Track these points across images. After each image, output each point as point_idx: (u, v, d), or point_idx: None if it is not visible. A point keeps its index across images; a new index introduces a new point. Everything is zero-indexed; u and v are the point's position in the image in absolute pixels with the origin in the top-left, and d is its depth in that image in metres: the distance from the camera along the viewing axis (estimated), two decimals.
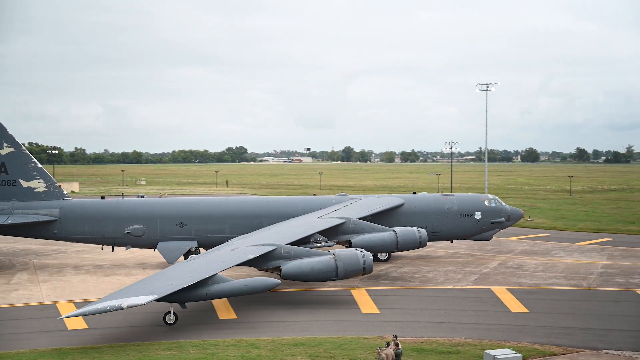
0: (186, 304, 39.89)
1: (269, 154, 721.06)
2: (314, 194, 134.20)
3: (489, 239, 64.56)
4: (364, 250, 47.01)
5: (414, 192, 75.09)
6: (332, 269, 45.10)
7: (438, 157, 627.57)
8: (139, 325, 40.11)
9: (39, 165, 59.94)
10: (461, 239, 64.58)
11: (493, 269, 58.48)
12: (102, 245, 61.18)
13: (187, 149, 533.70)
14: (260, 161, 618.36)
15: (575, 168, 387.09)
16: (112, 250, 62.02)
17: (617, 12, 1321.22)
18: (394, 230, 55.31)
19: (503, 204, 64.22)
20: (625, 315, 42.41)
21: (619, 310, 43.72)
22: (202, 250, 59.01)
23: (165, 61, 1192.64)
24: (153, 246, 59.83)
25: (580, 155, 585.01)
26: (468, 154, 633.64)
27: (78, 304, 43.61)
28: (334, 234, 55.27)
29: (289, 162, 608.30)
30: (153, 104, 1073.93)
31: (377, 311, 43.52)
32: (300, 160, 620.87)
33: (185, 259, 57.49)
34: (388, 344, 31.43)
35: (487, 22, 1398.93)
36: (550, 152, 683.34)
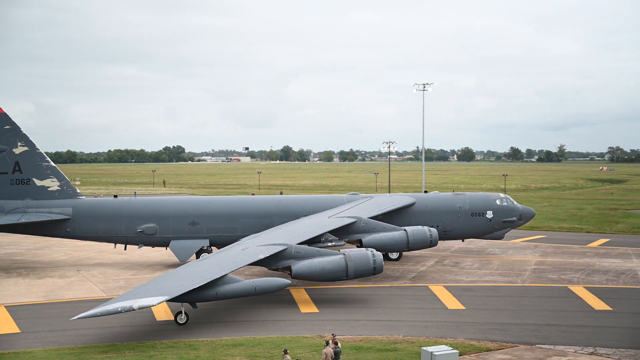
0: (197, 304, 40.02)
1: (207, 154, 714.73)
2: (252, 194, 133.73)
3: (500, 238, 64.24)
4: (374, 250, 47.08)
5: (426, 191, 75.42)
6: (342, 269, 45.22)
7: (376, 156, 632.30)
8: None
9: (53, 164, 60.32)
10: (473, 238, 64.57)
11: (430, 267, 59.19)
12: (115, 244, 61.54)
13: (122, 148, 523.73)
14: (198, 161, 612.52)
15: (510, 167, 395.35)
16: (125, 249, 62.13)
17: (549, 13, 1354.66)
18: (404, 230, 54.97)
19: (515, 202, 63.76)
20: (558, 310, 43.45)
21: (552, 306, 44.78)
22: (214, 248, 58.96)
23: (100, 59, 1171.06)
24: (165, 245, 60.06)
25: (514, 155, 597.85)
26: (406, 153, 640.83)
27: (10, 308, 42.44)
28: (344, 233, 55.10)
29: (228, 161, 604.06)
30: (87, 102, 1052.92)
31: (316, 310, 43.57)
32: (239, 160, 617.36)
33: (197, 257, 57.89)
34: (327, 343, 31.49)
35: (423, 22, 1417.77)
36: (485, 151, 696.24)
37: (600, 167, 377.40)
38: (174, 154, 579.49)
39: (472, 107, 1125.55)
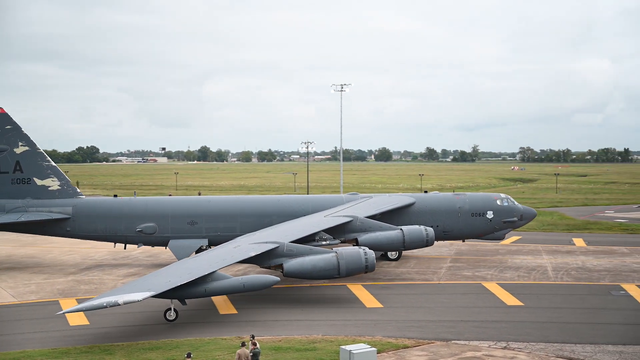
0: (187, 301, 40.07)
1: (122, 154, 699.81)
2: (170, 194, 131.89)
3: (501, 238, 64.00)
4: (366, 248, 47.12)
5: (425, 191, 74.97)
6: (334, 267, 45.21)
7: (295, 156, 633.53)
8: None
9: (53, 164, 60.88)
10: (473, 238, 64.12)
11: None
12: (115, 243, 61.80)
13: None
14: (114, 161, 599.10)
15: (426, 167, 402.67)
16: (125, 248, 62.42)
17: (464, 16, 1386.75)
18: (400, 229, 54.86)
19: (516, 203, 63.47)
20: (472, 307, 44.48)
21: (466, 302, 45.82)
22: (213, 248, 57.49)
23: (10, 56, 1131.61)
24: (164, 244, 60.03)
25: (430, 155, 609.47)
26: (324, 153, 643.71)
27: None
28: (340, 232, 54.91)
29: (144, 162, 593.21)
30: None
31: (235, 311, 43.31)
32: (155, 160, 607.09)
33: None
34: (242, 344, 31.33)
35: (342, 23, 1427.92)
36: (402, 151, 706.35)
37: (512, 167, 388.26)
38: (88, 155, 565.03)
39: (390, 107, 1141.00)
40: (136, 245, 61.11)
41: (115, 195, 65.34)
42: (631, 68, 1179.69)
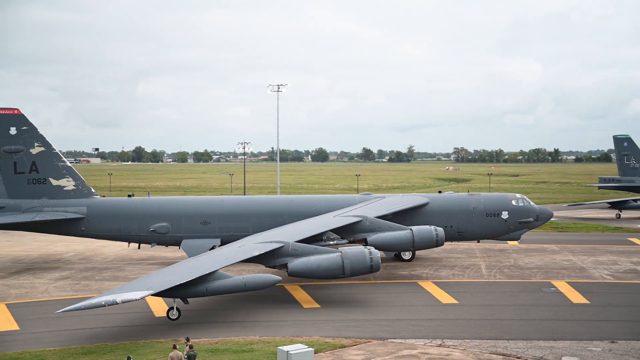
0: (189, 300, 40.47)
1: None
2: (103, 196, 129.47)
3: (517, 239, 63.52)
4: (372, 248, 46.73)
5: (440, 192, 74.11)
6: (338, 267, 44.90)
7: (231, 157, 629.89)
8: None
9: (69, 164, 61.79)
10: (488, 239, 63.42)
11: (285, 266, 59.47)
12: (129, 243, 62.33)
13: None
14: None
15: (362, 167, 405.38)
16: (139, 248, 63.40)
17: (400, 18, 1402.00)
18: (410, 229, 54.33)
19: (532, 203, 62.98)
20: (408, 305, 44.98)
21: (403, 301, 46.30)
22: None
23: None
24: (177, 244, 60.33)
25: (367, 155, 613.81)
26: (261, 154, 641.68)
27: None
28: (350, 232, 54.56)
29: (76, 162, 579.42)
30: None
31: (164, 314, 42.65)
32: (89, 161, 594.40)
33: None
34: (175, 346, 30.98)
35: (278, 23, 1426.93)
36: (338, 151, 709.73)
37: (447, 167, 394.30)
38: None
39: (326, 108, 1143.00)
40: (150, 245, 61.49)
41: (129, 195, 66.37)
42: (560, 70, 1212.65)
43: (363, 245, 52.96)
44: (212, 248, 58.67)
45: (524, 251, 67.45)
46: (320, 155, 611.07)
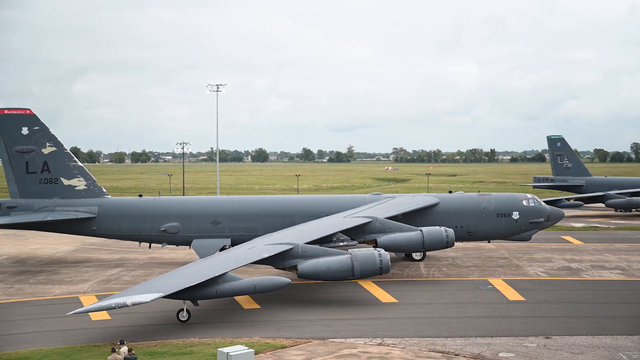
0: (199, 302, 40.38)
1: None
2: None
3: (527, 239, 62.93)
4: (381, 250, 46.46)
5: (450, 192, 73.05)
6: (348, 269, 44.73)
7: (170, 157, 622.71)
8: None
9: (80, 164, 61.99)
10: (498, 239, 63.13)
11: None
12: (140, 242, 62.34)
13: None
14: None
15: (302, 167, 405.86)
16: (150, 247, 63.14)
17: (340, 18, 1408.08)
18: (420, 230, 54.03)
19: (542, 203, 62.72)
20: (348, 305, 45.16)
21: (342, 300, 46.49)
22: None
23: None
24: (187, 243, 60.54)
25: (307, 155, 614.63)
26: (200, 154, 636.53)
27: None
28: (360, 233, 54.16)
29: None
30: None
31: (108, 317, 42.00)
32: None
33: None
34: (113, 349, 30.46)
35: (217, 23, 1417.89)
36: (279, 152, 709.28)
37: (386, 167, 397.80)
38: None
39: (266, 108, 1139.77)
40: (160, 245, 61.28)
41: (140, 195, 66.14)
42: (496, 72, 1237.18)
43: (373, 246, 53.34)
44: (223, 248, 59.14)
45: (461, 250, 68.44)
46: (260, 156, 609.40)
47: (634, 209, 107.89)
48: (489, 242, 65.69)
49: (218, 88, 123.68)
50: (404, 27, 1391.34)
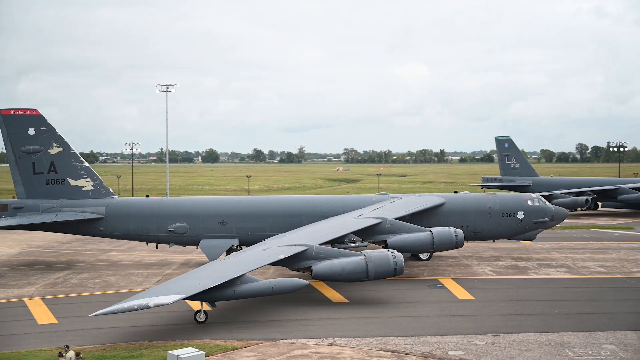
0: (216, 303, 40.50)
1: None
2: (147, 195, 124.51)
3: (532, 238, 62.92)
4: (395, 251, 46.19)
5: (455, 192, 72.10)
6: (362, 270, 44.74)
7: (119, 158, 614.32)
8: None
9: (87, 164, 62.09)
10: (503, 239, 62.97)
11: (176, 270, 58.76)
12: (147, 243, 62.46)
13: None
14: None
15: (253, 168, 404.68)
16: (157, 248, 63.05)
17: (290, 19, 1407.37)
18: (430, 231, 53.98)
19: (547, 203, 62.70)
20: (299, 305, 45.07)
21: (294, 301, 46.34)
22: (243, 248, 58.36)
23: None
24: (195, 244, 60.49)
25: (257, 156, 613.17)
26: (150, 154, 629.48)
27: None
28: (370, 234, 53.91)
29: None
30: None
31: (55, 321, 41.32)
32: None
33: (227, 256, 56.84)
34: (60, 354, 29.92)
35: (167, 22, 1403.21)
36: (229, 152, 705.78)
37: (337, 168, 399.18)
38: None
39: (216, 108, 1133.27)
40: (168, 245, 61.12)
41: (147, 196, 66.54)
42: (446, 73, 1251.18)
43: (382, 247, 53.50)
44: (230, 248, 59.34)
45: None
46: (211, 157, 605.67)
47: (579, 209, 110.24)
48: (493, 241, 66.19)
49: (168, 88, 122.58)
50: (355, 28, 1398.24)
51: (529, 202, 61.87)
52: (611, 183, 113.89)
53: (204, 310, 40.59)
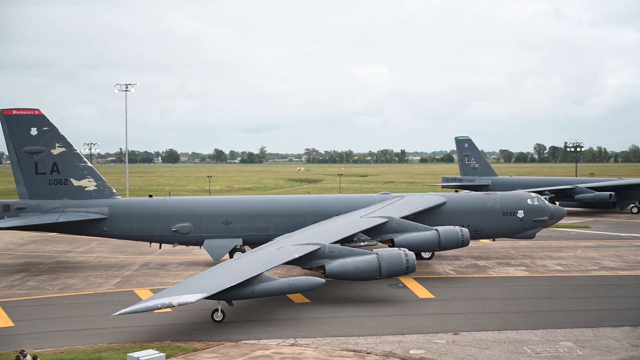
0: (233, 302, 40.51)
1: None
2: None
3: (532, 237, 63.18)
4: (406, 249, 46.35)
5: (456, 191, 71.29)
6: (375, 268, 44.95)
7: None
8: None
9: (90, 165, 61.62)
10: (504, 237, 63.21)
11: (135, 271, 58.23)
12: (150, 243, 61.77)
13: None
14: None
15: (214, 168, 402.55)
16: (160, 248, 63.12)
17: (251, 19, 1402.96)
18: (436, 230, 54.23)
19: (546, 202, 62.93)
20: (261, 306, 44.92)
21: (254, 301, 46.11)
22: (247, 247, 59.51)
23: None
24: (199, 243, 60.34)
25: (218, 156, 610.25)
26: (109, 155, 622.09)
27: None
28: (376, 232, 53.87)
29: None
30: None
31: (12, 324, 40.59)
32: None
33: (230, 256, 58.90)
34: (18, 358, 29.47)
35: (126, 21, 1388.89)
36: (190, 153, 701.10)
37: (299, 168, 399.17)
38: None
39: (177, 108, 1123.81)
40: (172, 245, 60.96)
41: (150, 196, 66.16)
42: (406, 74, 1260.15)
43: (389, 245, 53.88)
44: (234, 248, 59.23)
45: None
46: (171, 157, 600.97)
47: None
48: (493, 240, 66.73)
49: (127, 88, 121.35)
50: (315, 28, 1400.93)
51: (529, 201, 62.57)
52: (568, 183, 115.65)
53: (221, 309, 40.70)
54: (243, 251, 59.45)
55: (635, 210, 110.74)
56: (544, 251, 67.78)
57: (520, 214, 61.90)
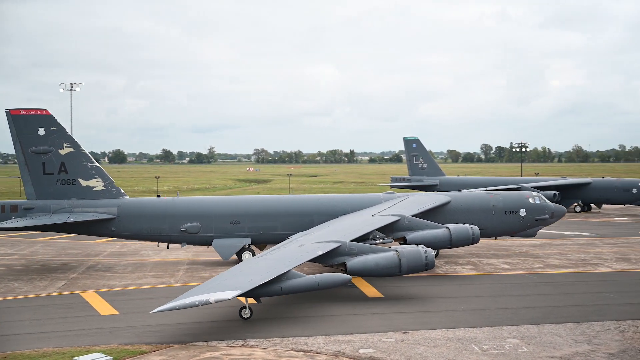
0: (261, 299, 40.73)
1: None
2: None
3: (533, 235, 63.71)
4: (424, 246, 46.70)
5: (459, 190, 70.42)
6: (395, 265, 45.42)
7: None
8: None
9: (98, 165, 61.40)
10: (506, 236, 63.44)
11: (82, 273, 57.32)
12: (158, 243, 61.52)
13: None
14: None
15: (162, 169, 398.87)
16: (168, 247, 63.68)
17: (199, 18, 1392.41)
18: (447, 227, 54.50)
19: (547, 201, 63.18)
20: (210, 308, 44.55)
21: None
22: (253, 247, 60.22)
23: None
24: (208, 243, 60.22)
25: (166, 157, 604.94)
26: None
27: None
28: (388, 230, 53.95)
29: None
30: None
31: None
32: None
33: (238, 255, 59.15)
34: None
35: (70, 19, 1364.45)
36: (137, 153, 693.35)
37: (248, 168, 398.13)
38: None
39: (123, 108, 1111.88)
40: (180, 245, 60.82)
41: (158, 196, 65.96)
42: (356, 74, 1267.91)
43: (400, 243, 54.08)
44: (243, 247, 59.10)
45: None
46: (118, 157, 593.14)
47: None
48: (496, 238, 67.22)
49: (72, 87, 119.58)
50: (264, 28, 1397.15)
51: (531, 200, 63.34)
52: (514, 182, 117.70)
53: (249, 306, 40.74)
54: (251, 250, 59.83)
55: (578, 209, 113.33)
56: (491, 250, 68.81)
57: (523, 212, 62.71)
